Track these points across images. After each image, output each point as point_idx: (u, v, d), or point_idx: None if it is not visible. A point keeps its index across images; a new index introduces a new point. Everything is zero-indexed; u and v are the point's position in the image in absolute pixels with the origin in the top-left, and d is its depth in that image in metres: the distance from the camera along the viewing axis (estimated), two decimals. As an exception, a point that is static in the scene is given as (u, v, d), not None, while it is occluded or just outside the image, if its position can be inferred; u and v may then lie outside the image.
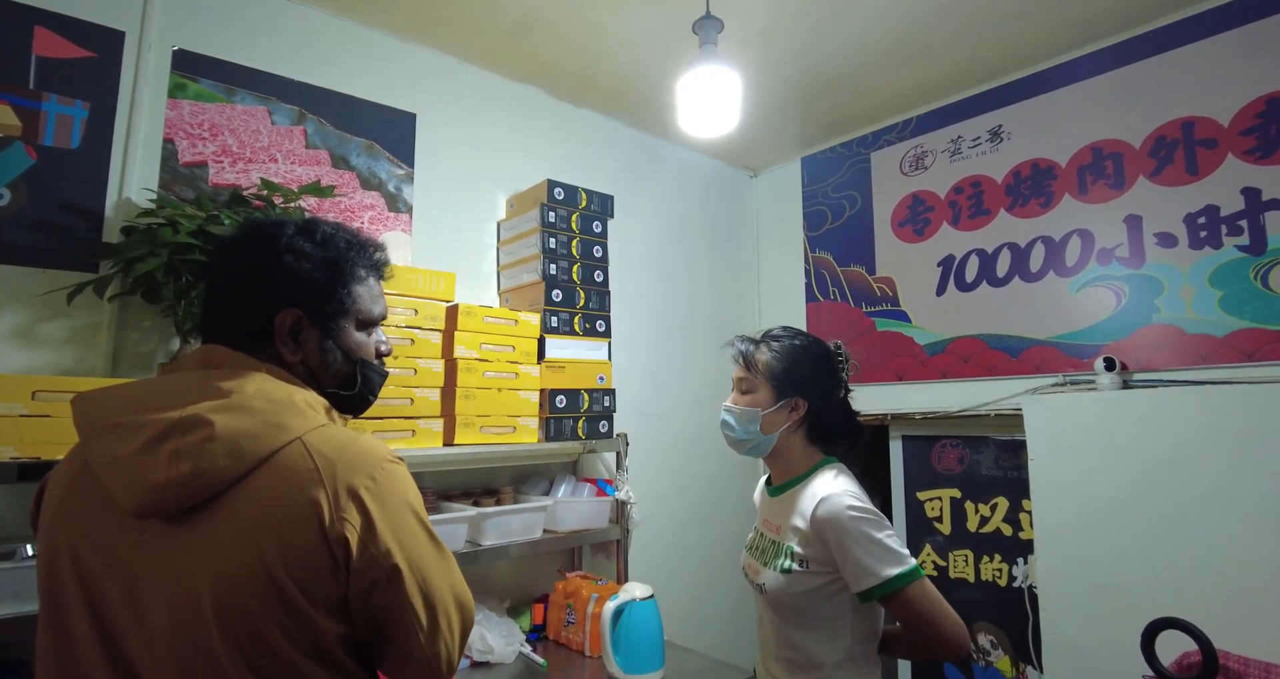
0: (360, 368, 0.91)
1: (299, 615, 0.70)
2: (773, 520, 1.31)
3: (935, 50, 2.23)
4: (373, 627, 0.75)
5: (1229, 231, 1.88)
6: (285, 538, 0.69)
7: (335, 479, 0.72)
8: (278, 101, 1.85)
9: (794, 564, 1.19)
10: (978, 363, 2.39)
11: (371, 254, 0.93)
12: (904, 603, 1.11)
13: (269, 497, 0.70)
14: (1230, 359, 1.85)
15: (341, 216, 1.92)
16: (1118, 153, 2.10)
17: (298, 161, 1.87)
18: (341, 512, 0.71)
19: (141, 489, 0.68)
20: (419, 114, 2.13)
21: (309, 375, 0.86)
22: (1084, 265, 2.16)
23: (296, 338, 0.85)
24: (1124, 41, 2.11)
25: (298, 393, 0.79)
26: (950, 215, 2.50)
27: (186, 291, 1.48)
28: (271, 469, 0.71)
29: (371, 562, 0.72)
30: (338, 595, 0.72)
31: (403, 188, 2.07)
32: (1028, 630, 2.25)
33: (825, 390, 1.31)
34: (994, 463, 2.43)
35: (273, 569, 0.68)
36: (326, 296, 0.86)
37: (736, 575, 2.77)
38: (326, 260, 0.86)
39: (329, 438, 0.76)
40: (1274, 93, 1.83)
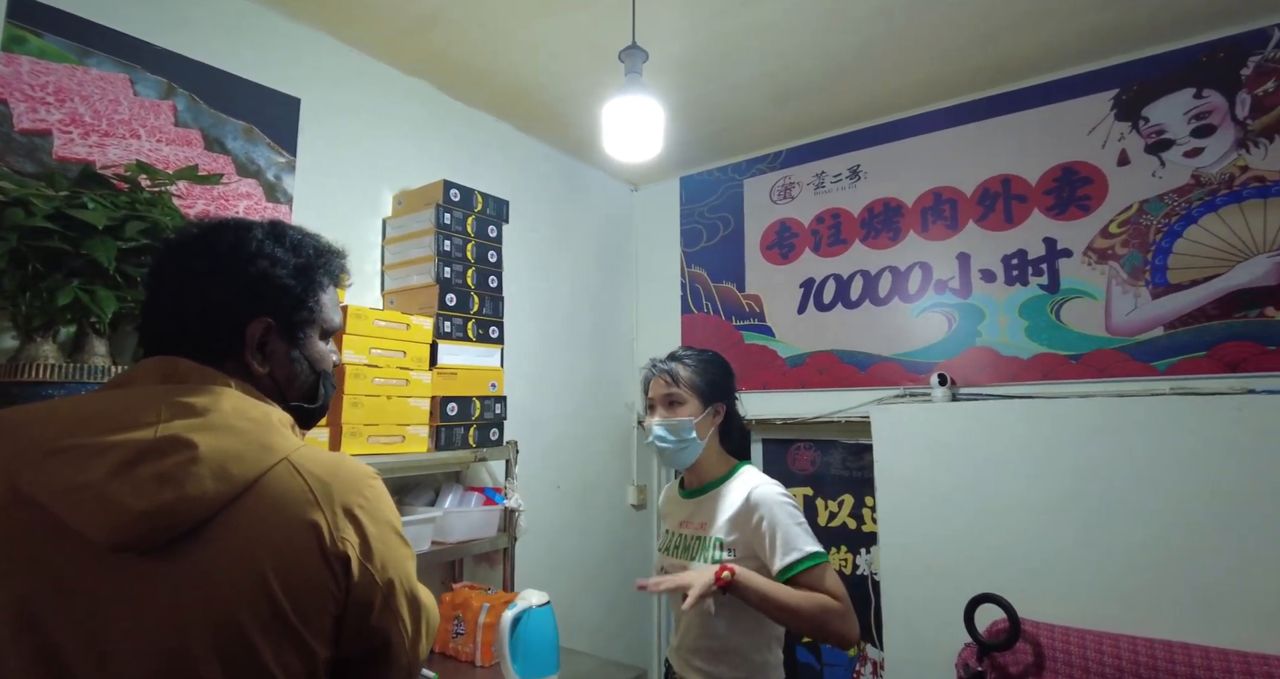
0: (322, 379, 0.88)
1: (297, 642, 0.67)
2: (694, 519, 1.42)
3: (806, 93, 2.47)
4: (362, 646, 0.74)
5: (1033, 272, 2.29)
6: (286, 562, 0.67)
7: (332, 500, 0.71)
8: (142, 71, 1.64)
9: (723, 553, 1.31)
10: (831, 375, 2.68)
11: (336, 261, 0.90)
12: (819, 579, 1.25)
13: (264, 520, 0.67)
14: (1033, 378, 2.26)
15: (215, 204, 1.74)
16: (953, 198, 2.47)
17: (165, 140, 1.67)
18: (340, 532, 0.70)
19: (119, 520, 0.61)
20: (304, 99, 1.98)
21: (275, 389, 0.82)
22: (923, 293, 2.51)
23: (264, 349, 0.80)
24: (961, 104, 2.49)
25: (272, 411, 0.76)
26: (812, 242, 2.78)
27: (34, 283, 1.28)
28: (262, 492, 0.68)
29: (370, 580, 0.72)
30: (333, 617, 0.70)
31: (283, 176, 1.92)
32: (870, 614, 2.55)
33: (733, 396, 1.48)
34: (842, 464, 2.73)
35: (274, 595, 0.65)
36: (298, 305, 0.82)
37: (618, 577, 2.89)
38: (299, 267, 0.82)
39: (317, 459, 0.74)
40: (1067, 162, 2.27)
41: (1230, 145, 2.02)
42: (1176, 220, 2.08)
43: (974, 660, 2.01)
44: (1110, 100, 2.21)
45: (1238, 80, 2.03)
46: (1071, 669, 1.90)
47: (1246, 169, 2.00)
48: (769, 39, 2.11)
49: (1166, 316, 2.07)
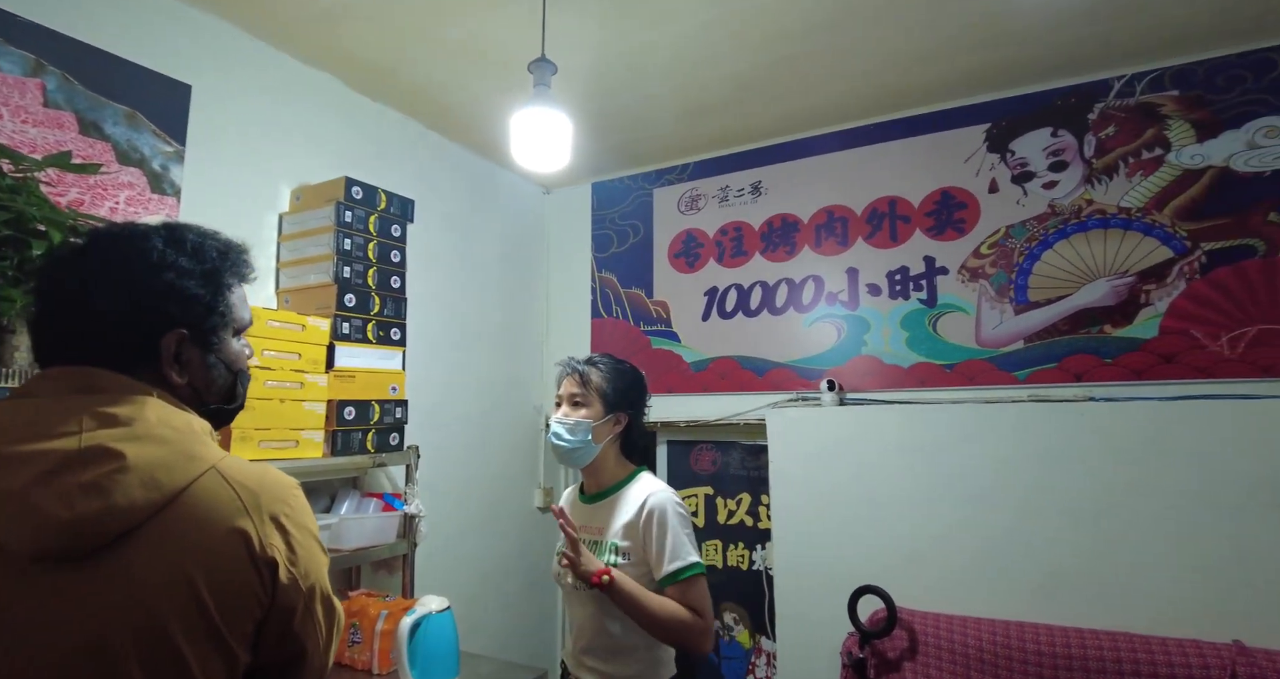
0: (239, 378, 0.89)
1: (222, 647, 0.68)
2: (592, 524, 1.46)
3: (713, 110, 2.57)
4: (281, 651, 0.76)
5: (914, 288, 2.49)
6: (215, 568, 0.68)
7: (260, 508, 0.73)
8: (5, 44, 1.51)
9: (618, 558, 1.36)
10: (732, 380, 2.79)
11: (241, 258, 0.89)
12: (689, 588, 1.33)
13: (193, 528, 0.68)
14: (912, 385, 2.45)
15: (90, 194, 1.63)
16: (845, 217, 2.64)
17: (32, 122, 1.54)
18: (269, 538, 0.72)
19: (42, 529, 0.62)
20: (195, 86, 1.87)
21: (193, 396, 0.82)
22: (816, 304, 2.66)
23: (180, 359, 0.80)
24: (855, 128, 2.66)
25: (194, 420, 0.77)
26: (717, 253, 2.89)
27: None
28: (190, 500, 0.69)
29: (295, 585, 0.74)
30: (256, 622, 0.72)
31: (170, 167, 1.81)
32: (764, 607, 2.68)
33: (640, 408, 1.52)
34: (741, 464, 2.85)
35: (203, 601, 0.67)
36: (209, 312, 0.81)
37: (523, 581, 2.89)
38: (205, 273, 0.81)
39: (243, 469, 0.76)
40: (946, 187, 2.48)
41: (1079, 180, 2.28)
42: (1035, 244, 2.32)
43: (856, 648, 2.16)
44: (984, 133, 2.44)
45: (1086, 123, 2.29)
46: (940, 652, 2.08)
47: (1091, 202, 2.26)
48: (677, 56, 2.19)
49: (1026, 331, 2.31)
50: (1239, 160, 2.10)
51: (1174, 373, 2.11)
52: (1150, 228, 2.18)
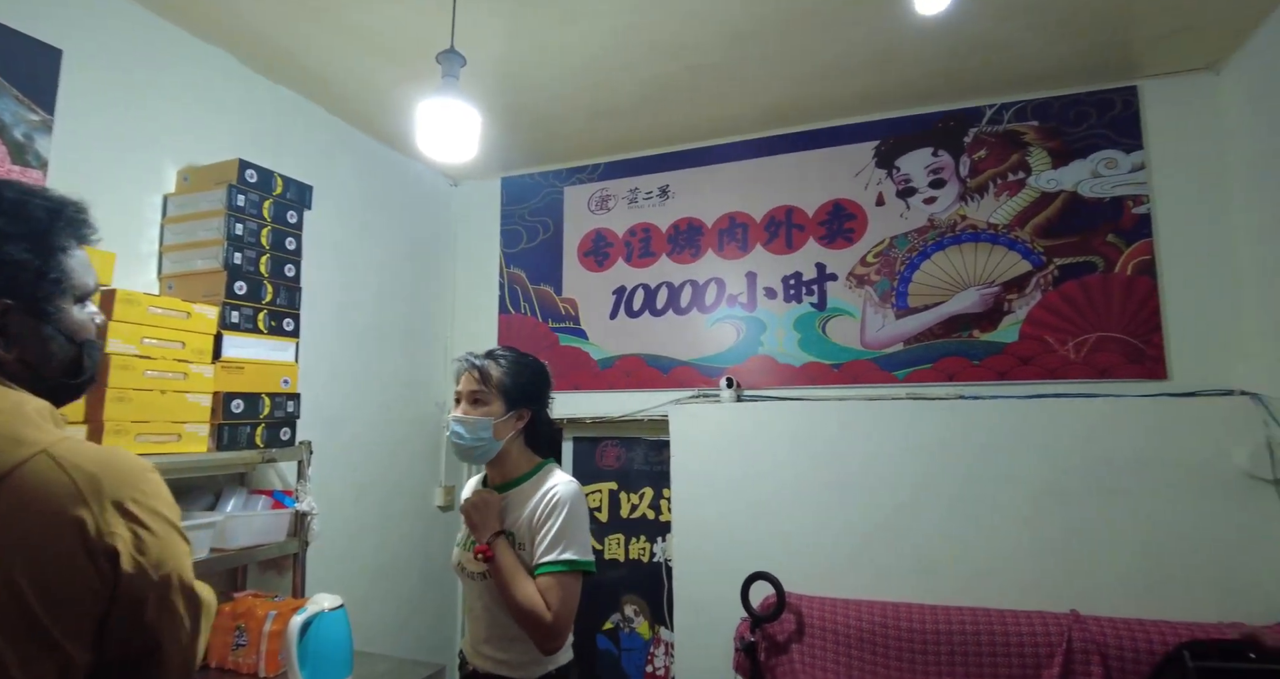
0: (85, 349, 0.82)
1: (50, 647, 0.64)
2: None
3: (624, 113, 2.63)
4: (132, 647, 0.71)
5: (806, 292, 2.64)
6: (40, 561, 0.63)
7: (101, 494, 0.68)
8: None
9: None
10: (637, 377, 2.86)
11: (77, 217, 0.82)
12: (556, 583, 1.31)
13: (14, 518, 0.63)
14: (803, 383, 2.60)
15: (-61, 162, 1.48)
16: (745, 223, 2.77)
17: None
18: (109, 527, 0.67)
19: None
20: (66, 51, 1.73)
21: (26, 372, 0.75)
22: (718, 306, 2.77)
23: (6, 331, 0.74)
24: (757, 139, 2.79)
25: (26, 400, 0.71)
26: (625, 253, 2.95)
27: None
28: (14, 486, 0.64)
29: (142, 576, 0.69)
30: (96, 617, 0.67)
31: (36, 137, 1.67)
32: (663, 597, 2.76)
33: (544, 402, 1.53)
34: (644, 459, 2.93)
35: (24, 599, 0.62)
36: (39, 278, 0.75)
37: (422, 579, 2.83)
38: (31, 235, 0.75)
39: (83, 451, 0.69)
40: (838, 199, 2.65)
41: (955, 198, 2.50)
42: (915, 255, 2.52)
43: (748, 632, 2.28)
44: (873, 150, 2.62)
45: (962, 146, 2.52)
46: (824, 633, 2.22)
47: (965, 218, 2.48)
48: (590, 57, 2.23)
49: (906, 334, 2.50)
50: (1085, 186, 2.37)
51: (1030, 374, 2.35)
52: (1013, 243, 2.42)
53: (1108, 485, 2.15)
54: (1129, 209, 2.32)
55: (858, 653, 2.16)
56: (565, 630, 1.34)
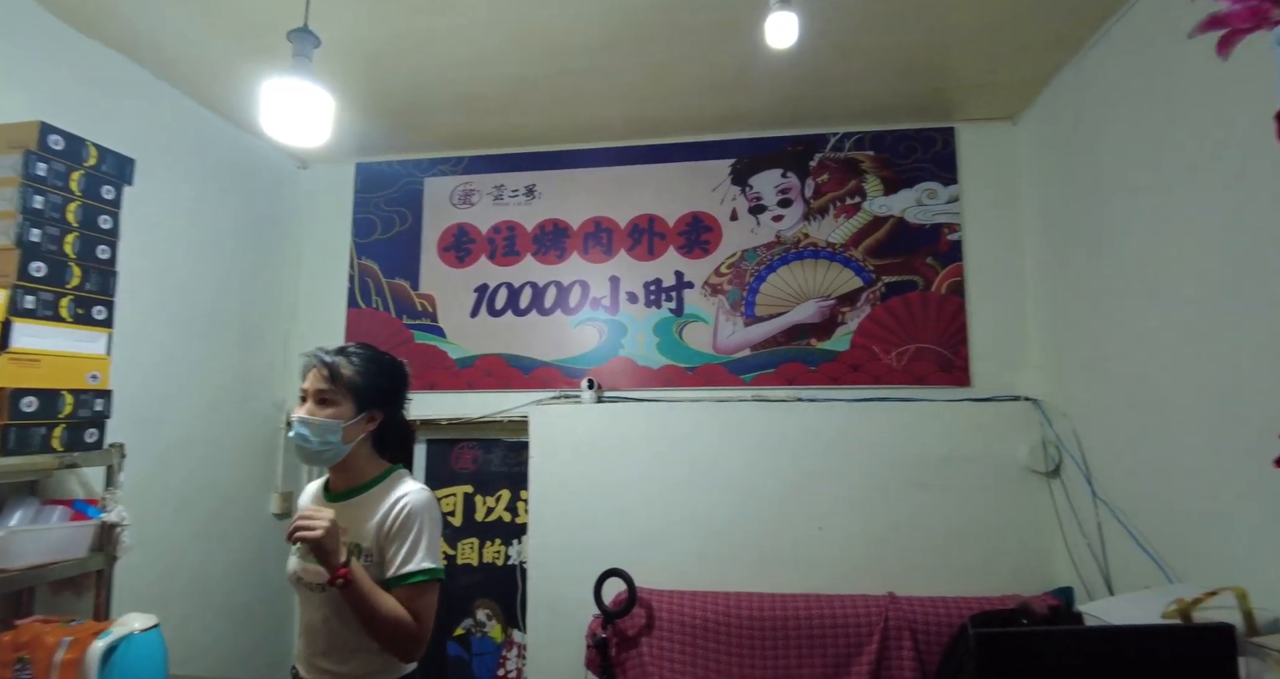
0: None
1: None
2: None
3: (492, 108, 2.59)
4: None
5: (666, 298, 2.75)
6: None
7: None
8: None
9: (361, 560, 1.31)
10: (498, 377, 2.83)
11: None
12: (418, 594, 1.29)
13: None
14: (660, 384, 2.70)
15: None
16: (610, 228, 2.83)
17: None
18: None
19: None
20: None
21: None
22: (581, 308, 2.81)
23: None
24: (624, 147, 2.86)
25: None
26: (489, 250, 2.90)
27: None
28: None
29: None
30: None
31: None
32: (517, 599, 2.75)
33: (399, 405, 1.46)
34: (502, 461, 2.90)
35: None
36: None
37: (256, 593, 2.62)
38: None
39: None
40: (696, 211, 2.78)
41: (799, 217, 2.71)
42: (764, 268, 2.70)
43: (600, 629, 2.33)
44: (729, 167, 2.78)
45: (808, 169, 2.74)
46: (673, 625, 2.32)
47: (807, 236, 2.70)
48: (458, 50, 2.18)
49: (753, 341, 2.68)
50: (910, 213, 2.66)
51: (859, 379, 2.60)
52: (848, 261, 2.67)
53: (919, 480, 2.43)
54: (945, 235, 2.63)
55: (702, 642, 2.28)
56: (428, 637, 1.32)
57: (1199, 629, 1.21)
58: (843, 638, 2.23)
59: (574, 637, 2.41)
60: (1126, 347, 1.98)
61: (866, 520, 2.45)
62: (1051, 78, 2.34)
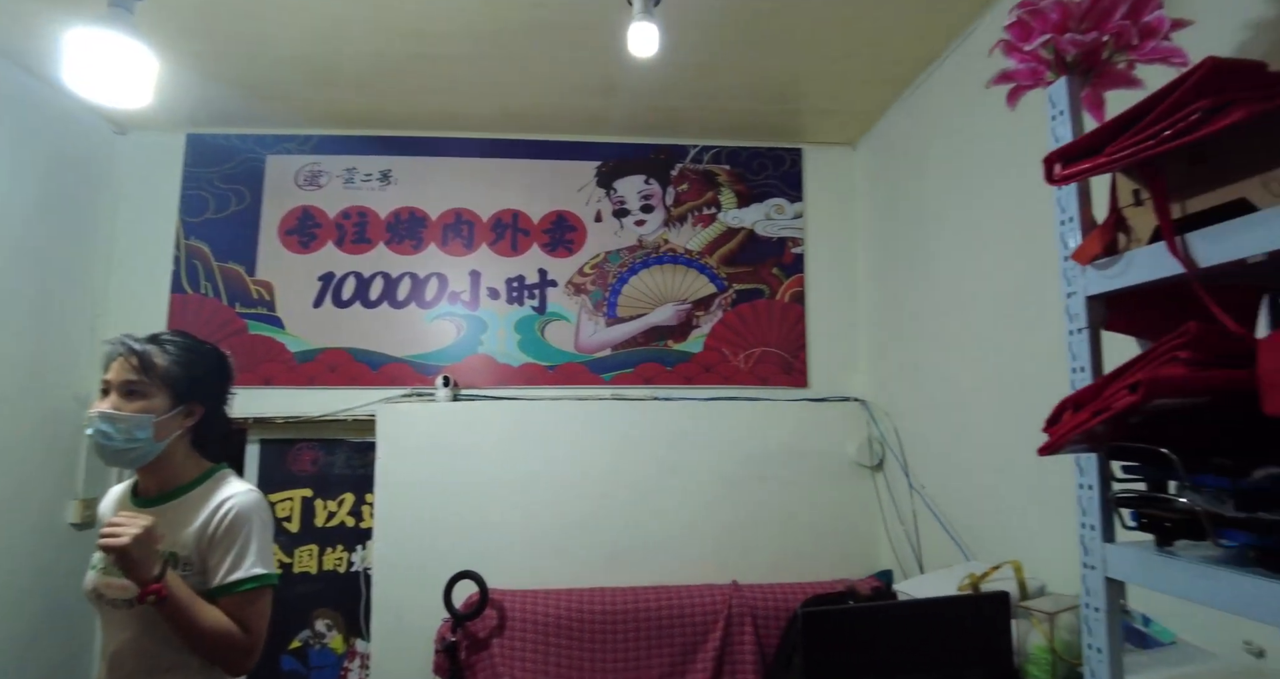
0: None
1: None
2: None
3: (347, 86, 2.44)
4: None
5: (528, 296, 2.74)
6: None
7: None
8: None
9: (179, 570, 1.19)
10: (343, 373, 2.67)
11: None
12: (247, 602, 1.21)
13: None
14: (521, 382, 2.69)
15: None
16: (472, 221, 2.77)
17: None
18: None
19: None
20: None
21: None
22: (438, 302, 2.72)
23: None
24: (489, 139, 2.81)
25: None
26: (337, 236, 2.73)
27: None
28: None
29: None
30: None
31: None
32: (360, 608, 2.61)
33: (221, 398, 1.35)
34: (346, 463, 2.73)
35: None
36: None
37: (49, 612, 2.30)
38: None
39: None
40: (561, 210, 2.79)
41: (661, 223, 2.81)
42: (626, 270, 2.77)
43: (450, 633, 2.27)
44: (595, 169, 2.82)
45: (669, 177, 2.84)
46: (525, 625, 2.31)
47: (667, 241, 2.81)
48: (311, 18, 2.03)
49: (614, 341, 2.73)
50: (760, 226, 2.84)
51: (711, 379, 2.74)
52: (704, 268, 2.80)
53: (762, 473, 2.61)
54: (790, 249, 2.84)
55: (555, 640, 2.29)
56: (260, 647, 1.23)
57: (983, 597, 1.40)
58: (690, 627, 2.33)
59: (422, 643, 2.33)
60: (937, 353, 2.24)
61: (714, 513, 2.58)
62: (886, 110, 2.60)
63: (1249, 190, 0.76)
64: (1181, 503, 0.83)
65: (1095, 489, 0.97)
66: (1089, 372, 0.97)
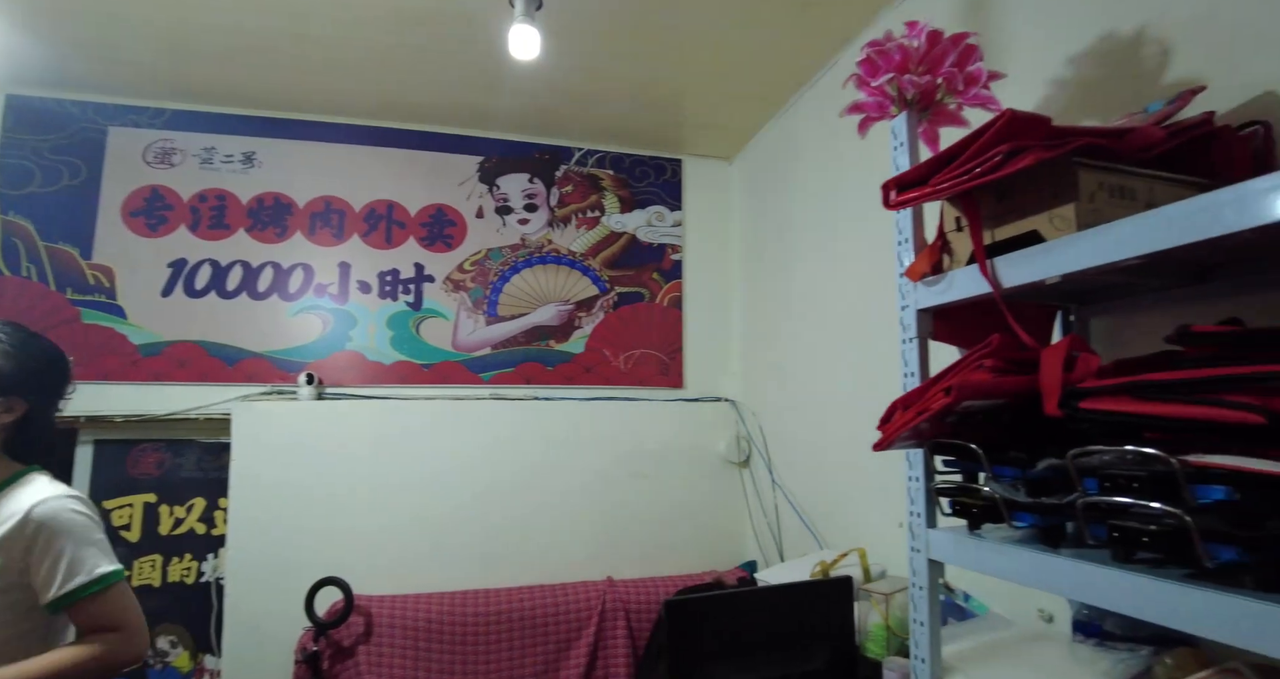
0: None
1: None
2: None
3: (208, 57, 2.26)
4: None
5: (403, 291, 2.65)
6: None
7: None
8: None
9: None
10: (195, 368, 2.47)
11: None
12: (100, 604, 1.13)
13: None
14: (392, 381, 2.59)
15: None
16: (343, 210, 2.64)
17: None
18: None
19: None
20: None
21: None
22: (303, 294, 2.58)
23: None
24: (364, 126, 2.69)
25: None
26: (191, 220, 2.52)
27: None
28: None
29: None
30: None
31: None
32: (211, 621, 2.42)
33: (51, 396, 1.24)
34: (196, 465, 2.53)
35: None
36: None
37: None
38: None
39: None
40: (441, 204, 2.72)
41: (544, 223, 2.82)
42: (508, 268, 2.75)
43: (311, 642, 2.16)
44: (478, 164, 2.78)
45: (554, 178, 2.85)
46: (394, 631, 2.24)
47: (551, 242, 2.82)
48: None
49: (494, 340, 2.71)
50: (642, 232, 2.92)
51: (591, 380, 2.78)
52: (587, 269, 2.83)
53: (638, 470, 2.68)
54: (669, 255, 2.93)
55: (424, 644, 2.24)
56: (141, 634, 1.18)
57: (829, 582, 1.53)
58: (564, 625, 2.36)
59: (280, 655, 2.20)
60: (798, 357, 2.41)
61: (591, 512, 2.62)
62: (760, 129, 2.75)
63: (1039, 224, 0.90)
64: (985, 491, 0.96)
65: (921, 481, 1.09)
66: (918, 376, 1.10)
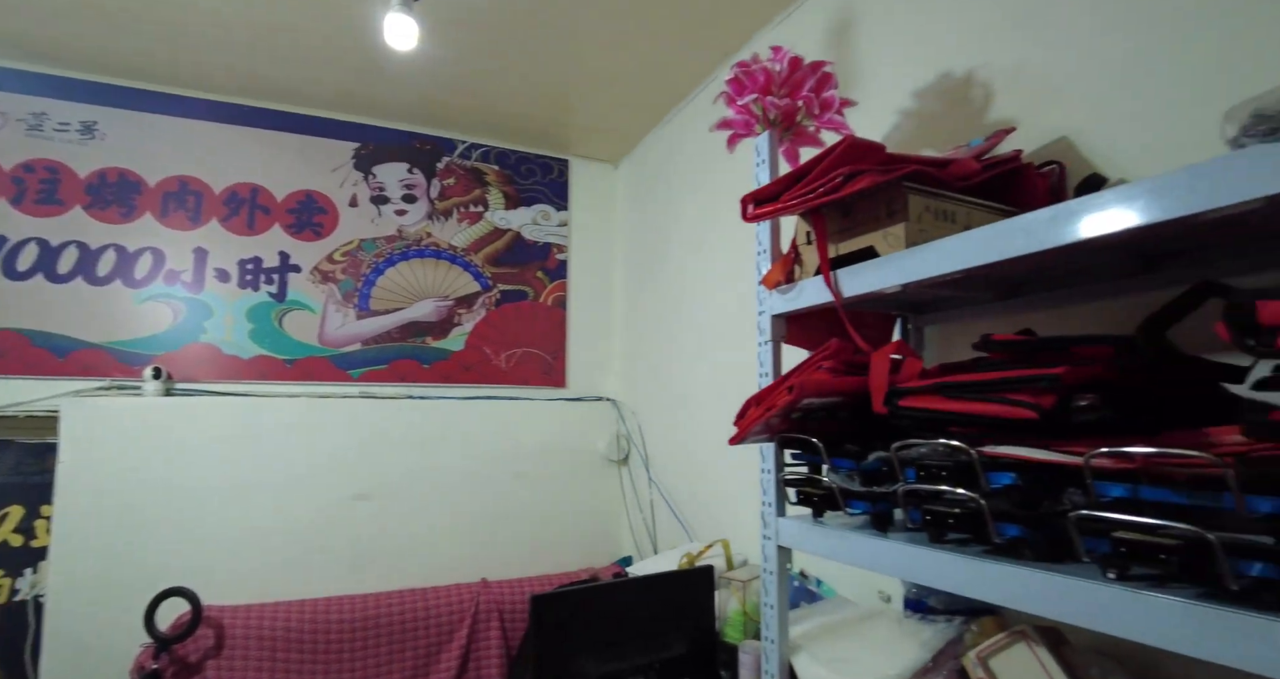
0: None
1: None
2: None
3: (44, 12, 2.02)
4: None
5: (265, 281, 2.49)
6: None
7: None
8: None
9: None
10: (15, 359, 2.20)
11: None
12: None
13: None
14: (252, 377, 2.43)
15: None
16: (200, 192, 2.44)
17: None
18: None
19: None
20: None
21: None
22: (151, 281, 2.36)
23: None
24: (226, 103, 2.50)
25: None
26: (14, 193, 2.25)
27: None
28: None
29: None
30: None
31: None
32: (27, 643, 2.15)
33: None
34: (13, 469, 2.24)
35: None
36: None
37: None
38: None
39: None
40: (310, 190, 2.58)
41: (424, 215, 2.74)
42: (382, 261, 2.65)
43: (150, 660, 1.98)
44: (353, 151, 2.66)
45: (435, 170, 2.78)
46: (248, 643, 2.10)
47: (430, 235, 2.74)
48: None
49: (365, 335, 2.60)
50: (527, 230, 2.91)
51: (471, 378, 2.73)
52: (468, 265, 2.79)
53: (517, 470, 2.67)
54: (554, 254, 2.94)
55: (282, 655, 2.12)
56: None
57: (692, 572, 1.61)
58: (434, 629, 2.31)
59: (112, 676, 2.01)
60: (673, 358, 2.49)
61: (467, 512, 2.58)
62: (645, 134, 2.82)
63: (875, 240, 1.00)
64: (825, 481, 1.06)
65: (772, 473, 1.18)
66: (772, 376, 1.18)
